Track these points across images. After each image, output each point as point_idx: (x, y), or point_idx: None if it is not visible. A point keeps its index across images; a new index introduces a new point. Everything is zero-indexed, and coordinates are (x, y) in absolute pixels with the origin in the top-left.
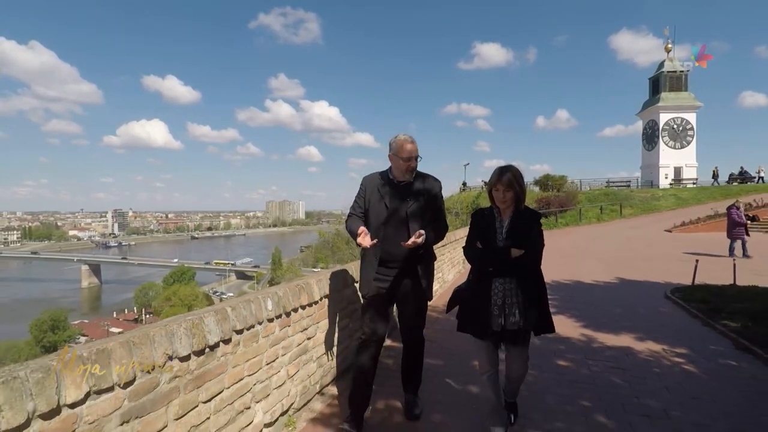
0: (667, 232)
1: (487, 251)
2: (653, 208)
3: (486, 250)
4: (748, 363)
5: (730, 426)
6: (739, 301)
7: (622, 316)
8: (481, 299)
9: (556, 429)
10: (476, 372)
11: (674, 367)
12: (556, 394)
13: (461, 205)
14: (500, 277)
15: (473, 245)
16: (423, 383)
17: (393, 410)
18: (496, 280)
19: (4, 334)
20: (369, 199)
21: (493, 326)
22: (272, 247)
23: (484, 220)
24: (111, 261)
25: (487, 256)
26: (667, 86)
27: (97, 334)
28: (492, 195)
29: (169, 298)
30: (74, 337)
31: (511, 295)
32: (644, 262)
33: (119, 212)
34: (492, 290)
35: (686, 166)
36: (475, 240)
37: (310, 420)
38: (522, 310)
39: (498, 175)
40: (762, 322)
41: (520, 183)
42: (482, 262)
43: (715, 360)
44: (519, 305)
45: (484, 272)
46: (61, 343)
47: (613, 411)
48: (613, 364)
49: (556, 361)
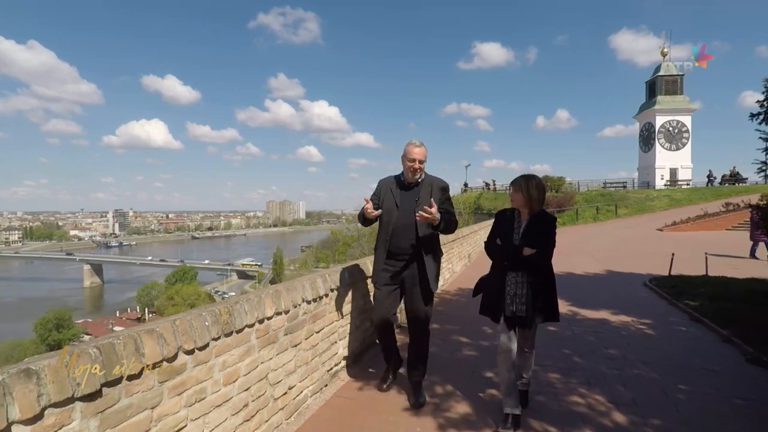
0: (659, 231)
1: (504, 248)
2: (647, 209)
3: (503, 246)
4: (696, 329)
5: (669, 363)
6: (703, 287)
7: (604, 298)
8: (497, 289)
9: (545, 366)
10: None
11: (638, 331)
12: (546, 346)
13: (464, 206)
14: (514, 270)
15: (493, 241)
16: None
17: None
18: (510, 273)
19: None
20: (382, 198)
21: (506, 312)
22: (273, 247)
23: (505, 219)
24: (113, 260)
25: (503, 252)
26: (663, 89)
27: (100, 332)
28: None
29: (172, 297)
30: (78, 335)
31: (522, 287)
32: (633, 257)
33: (120, 212)
34: (506, 281)
35: (681, 168)
36: (495, 237)
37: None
38: (530, 300)
39: (515, 179)
40: (716, 302)
41: (530, 188)
42: (499, 257)
43: (671, 327)
44: (527, 296)
45: (501, 265)
46: (66, 341)
47: (585, 355)
48: (590, 329)
49: (547, 327)
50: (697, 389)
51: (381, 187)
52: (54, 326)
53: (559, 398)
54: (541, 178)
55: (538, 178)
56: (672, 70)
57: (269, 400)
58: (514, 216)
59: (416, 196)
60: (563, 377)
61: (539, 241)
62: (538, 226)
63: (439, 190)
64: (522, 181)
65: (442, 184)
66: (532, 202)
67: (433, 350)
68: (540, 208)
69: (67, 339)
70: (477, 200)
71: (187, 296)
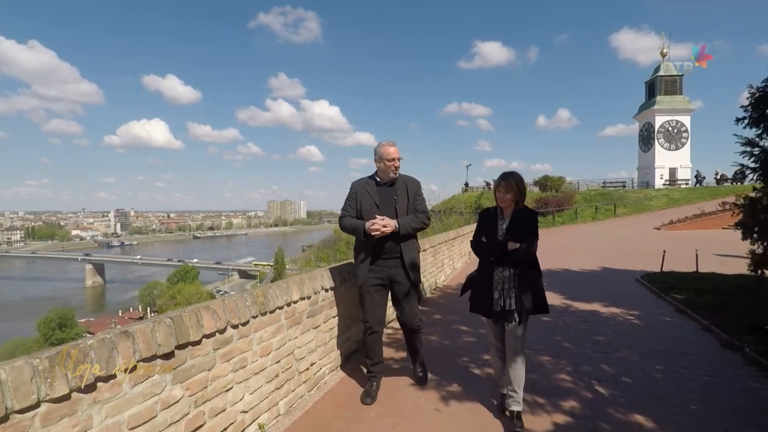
0: (656, 230)
1: (489, 244)
2: (645, 208)
3: (488, 243)
4: (680, 319)
5: (650, 347)
6: (691, 282)
7: (597, 292)
8: (485, 285)
9: (536, 350)
10: None
11: (625, 321)
12: (538, 334)
13: (464, 205)
14: (500, 266)
15: (479, 239)
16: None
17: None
18: (497, 269)
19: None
20: (360, 200)
21: (495, 307)
22: (274, 247)
23: (489, 217)
24: (115, 260)
25: (488, 249)
26: (663, 90)
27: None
28: (496, 195)
29: (174, 296)
30: (81, 334)
31: (509, 282)
32: (628, 255)
33: (121, 212)
34: (494, 277)
35: (681, 167)
36: (480, 234)
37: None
38: (518, 294)
39: (501, 178)
40: (701, 296)
41: (520, 187)
42: (485, 254)
43: (656, 318)
44: (515, 290)
45: (487, 262)
46: (69, 340)
47: (574, 341)
48: (581, 319)
49: (540, 318)
50: (672, 369)
51: (357, 190)
52: (57, 325)
53: (548, 376)
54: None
55: (518, 173)
56: (671, 70)
57: (295, 373)
58: (497, 213)
59: (394, 194)
60: (553, 359)
61: (524, 235)
62: (522, 221)
63: (413, 188)
64: (512, 180)
65: (414, 182)
66: (522, 199)
67: (435, 338)
68: (523, 203)
69: (70, 338)
70: (478, 199)
71: (189, 296)
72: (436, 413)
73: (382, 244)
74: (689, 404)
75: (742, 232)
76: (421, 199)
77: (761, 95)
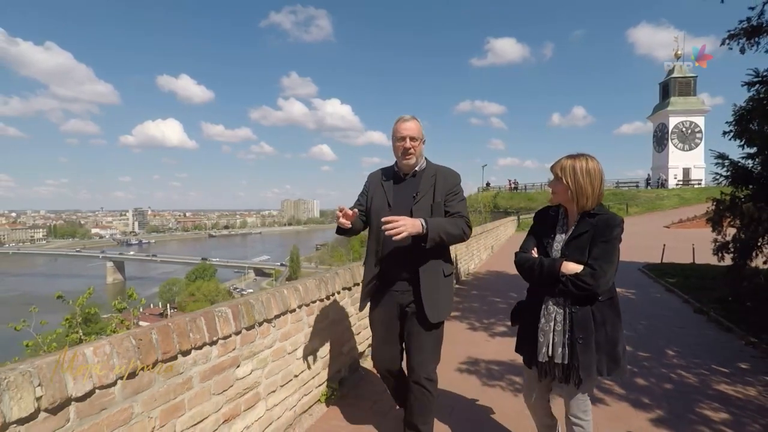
0: (666, 228)
1: (535, 262)
2: (657, 207)
3: (534, 260)
4: (667, 296)
5: (639, 312)
6: (684, 271)
7: None
8: (530, 321)
9: None
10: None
11: (622, 296)
12: None
13: (483, 205)
14: (553, 296)
15: (526, 253)
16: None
17: None
18: (549, 300)
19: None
20: (371, 196)
21: (539, 356)
22: (288, 245)
23: (545, 220)
24: (136, 258)
25: (533, 269)
26: (677, 91)
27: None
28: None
29: (193, 293)
30: (105, 330)
31: (562, 321)
32: (635, 249)
33: (139, 211)
34: (542, 312)
35: (694, 167)
36: (529, 245)
37: None
38: (570, 342)
39: (556, 162)
40: (690, 280)
41: (577, 174)
42: (529, 275)
43: (649, 295)
44: (569, 334)
45: (536, 289)
46: (94, 334)
47: None
48: None
49: None
50: (653, 323)
51: (370, 183)
52: (83, 320)
53: None
54: (596, 160)
55: (590, 159)
56: (685, 71)
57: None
58: (558, 217)
59: (414, 190)
60: None
61: (590, 253)
62: (592, 230)
63: (446, 183)
64: (567, 163)
65: (450, 175)
66: (581, 194)
67: (475, 304)
68: (594, 203)
69: (95, 333)
70: (494, 199)
71: (207, 293)
72: None
73: (394, 254)
74: (659, 341)
75: (711, 226)
76: (458, 200)
77: (743, 113)
